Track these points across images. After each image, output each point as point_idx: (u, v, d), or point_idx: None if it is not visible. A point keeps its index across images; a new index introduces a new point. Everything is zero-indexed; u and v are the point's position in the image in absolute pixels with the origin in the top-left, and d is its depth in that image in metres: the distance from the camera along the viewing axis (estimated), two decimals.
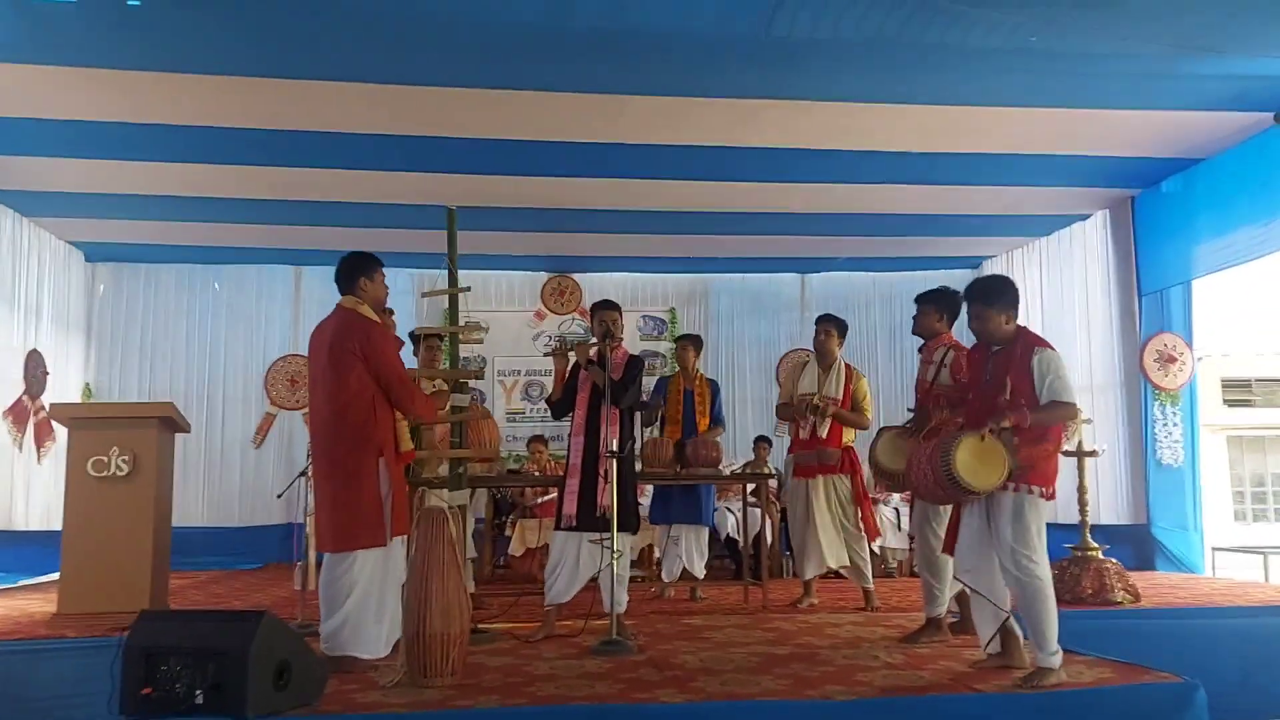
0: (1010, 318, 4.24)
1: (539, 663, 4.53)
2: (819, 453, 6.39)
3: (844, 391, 6.40)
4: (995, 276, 4.54)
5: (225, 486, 10.21)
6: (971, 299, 4.31)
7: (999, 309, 4.22)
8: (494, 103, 6.40)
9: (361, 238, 8.53)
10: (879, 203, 8.62)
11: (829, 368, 6.47)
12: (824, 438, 6.38)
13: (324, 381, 4.51)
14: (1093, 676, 4.09)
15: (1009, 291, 4.30)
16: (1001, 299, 4.25)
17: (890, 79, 6.15)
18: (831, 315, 6.72)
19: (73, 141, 6.91)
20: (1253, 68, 5.78)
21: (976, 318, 4.27)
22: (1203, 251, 7.86)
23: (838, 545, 6.37)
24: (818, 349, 6.54)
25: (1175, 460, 8.18)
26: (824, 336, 6.49)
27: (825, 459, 6.38)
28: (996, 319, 4.22)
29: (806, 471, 6.45)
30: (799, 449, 6.52)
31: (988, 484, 3.98)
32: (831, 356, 6.48)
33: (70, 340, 9.67)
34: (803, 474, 6.47)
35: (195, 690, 3.30)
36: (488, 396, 10.66)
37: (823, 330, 6.52)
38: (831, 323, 6.57)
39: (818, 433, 6.39)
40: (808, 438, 6.43)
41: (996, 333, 4.24)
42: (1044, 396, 4.05)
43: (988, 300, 4.25)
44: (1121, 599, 6.18)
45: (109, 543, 5.62)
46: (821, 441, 6.38)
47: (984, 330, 4.27)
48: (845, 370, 6.48)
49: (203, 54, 5.72)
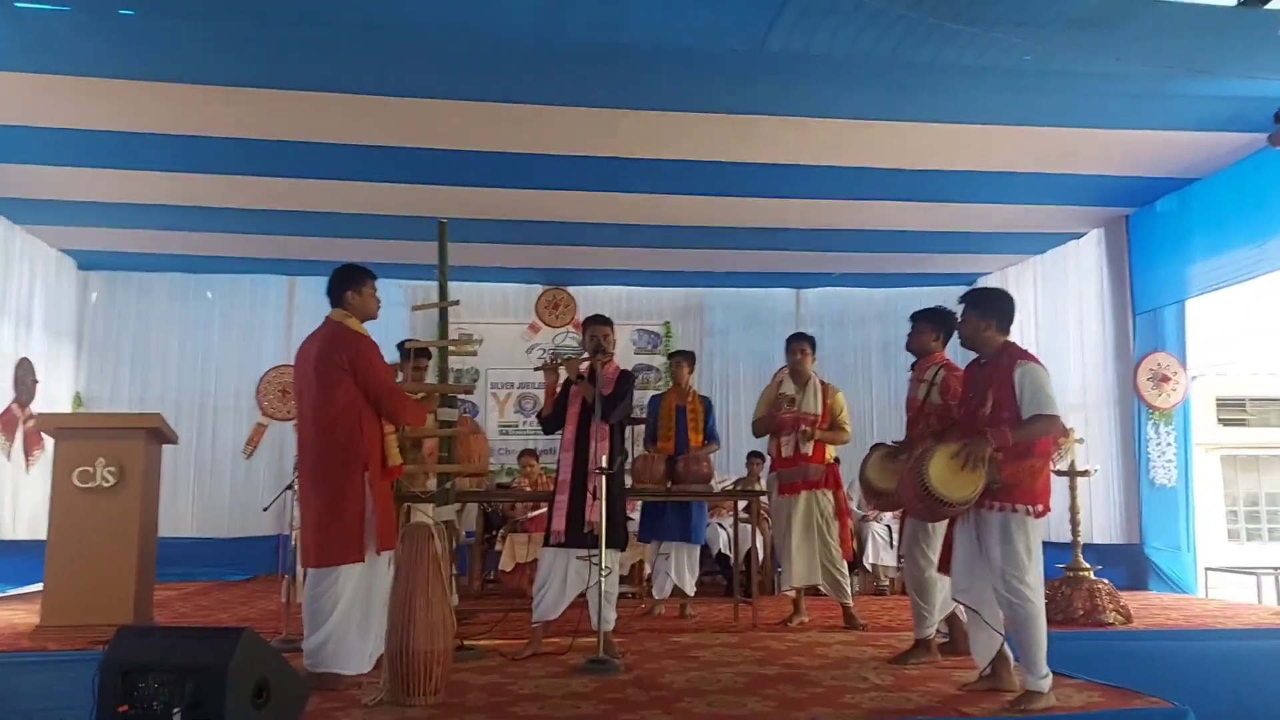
0: (992, 327, 4.24)
1: (524, 681, 4.49)
2: (803, 469, 6.40)
3: (821, 407, 6.43)
4: (994, 288, 4.58)
5: (215, 497, 10.14)
6: (962, 301, 4.40)
7: (983, 314, 4.25)
8: (488, 115, 6.39)
9: (355, 248, 8.53)
10: (874, 219, 8.61)
11: (804, 384, 6.48)
12: (808, 455, 6.39)
13: (310, 395, 4.49)
14: (1082, 700, 4.05)
15: (1000, 303, 4.31)
16: (988, 307, 4.27)
17: (885, 96, 6.14)
18: (803, 334, 6.82)
19: (66, 149, 6.87)
20: (1247, 89, 5.77)
21: (962, 319, 4.36)
22: (1197, 271, 7.86)
23: (812, 563, 6.38)
24: (794, 368, 6.58)
25: (1169, 480, 8.16)
26: (800, 356, 6.56)
27: (810, 475, 6.40)
28: (977, 324, 4.24)
29: (791, 489, 6.45)
30: (782, 466, 6.52)
31: (963, 495, 3.94)
32: (806, 374, 6.52)
33: (61, 348, 9.61)
34: (787, 491, 6.47)
35: (173, 708, 3.26)
36: (480, 409, 10.61)
37: (798, 350, 6.58)
38: (806, 341, 6.66)
39: (801, 449, 6.39)
40: (791, 455, 6.43)
41: (976, 338, 4.26)
42: (1025, 410, 4.02)
43: (975, 304, 4.32)
44: (1113, 620, 6.15)
45: (93, 554, 5.56)
46: (805, 458, 6.39)
47: (965, 334, 4.32)
48: (821, 386, 6.50)
49: (196, 64, 5.70)
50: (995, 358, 4.20)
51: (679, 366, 7.20)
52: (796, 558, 6.36)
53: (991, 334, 4.24)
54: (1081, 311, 9.21)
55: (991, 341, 4.23)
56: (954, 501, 3.95)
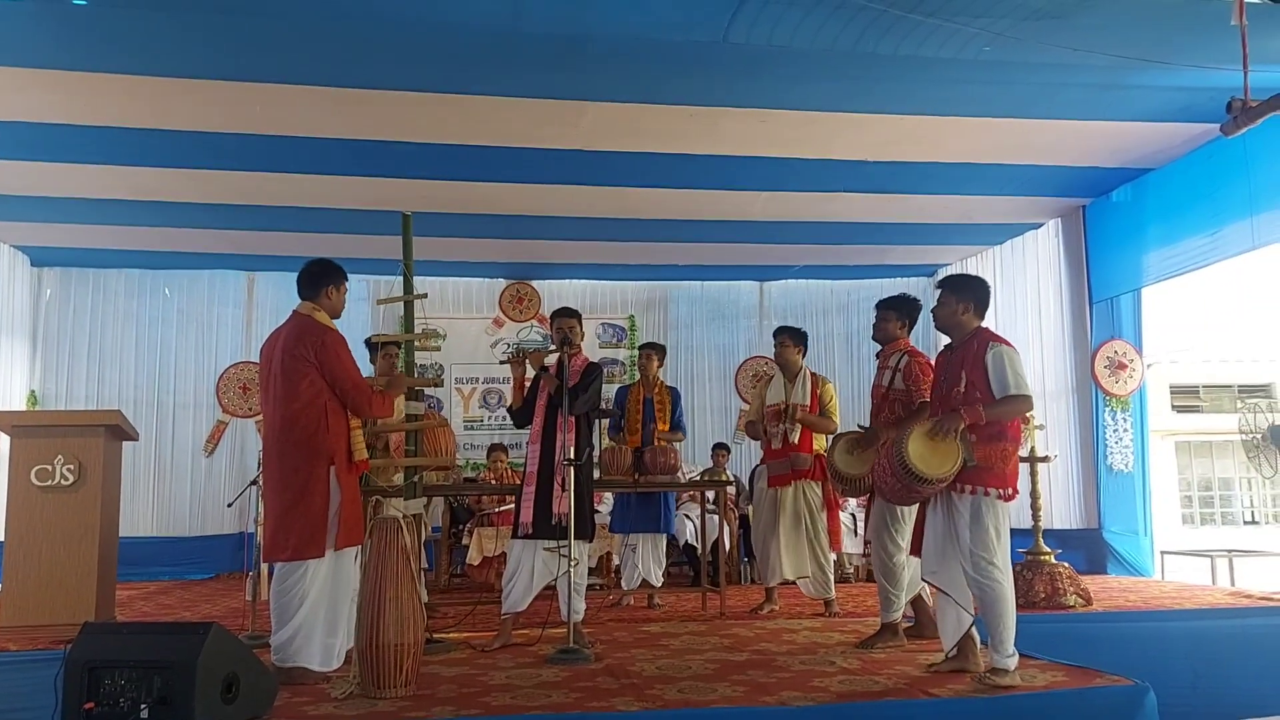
0: (970, 309, 4.33)
1: (495, 672, 4.49)
2: (792, 459, 6.44)
3: (811, 398, 6.47)
4: (970, 275, 4.67)
5: (176, 495, 9.99)
6: (940, 285, 4.46)
7: (959, 298, 4.33)
8: (450, 107, 6.35)
9: (316, 243, 8.43)
10: (836, 211, 8.67)
11: (794, 377, 6.53)
12: (795, 444, 6.43)
13: (276, 388, 4.45)
14: (1045, 680, 4.13)
15: (975, 288, 4.37)
16: (964, 290, 4.34)
17: (846, 88, 6.19)
18: (787, 326, 6.88)
19: (18, 143, 6.73)
20: (1201, 79, 5.87)
21: (937, 303, 4.41)
22: (1152, 260, 7.99)
23: (799, 556, 6.41)
24: (779, 362, 6.64)
25: (1126, 465, 8.30)
26: (780, 348, 6.59)
27: (798, 464, 6.44)
28: (955, 306, 4.32)
29: (780, 480, 6.48)
30: (772, 458, 6.55)
31: (941, 472, 4.00)
32: (795, 366, 6.57)
33: (15, 346, 9.42)
34: (776, 483, 6.50)
35: (140, 704, 3.23)
36: (445, 404, 10.56)
37: (778, 342, 6.63)
38: (787, 334, 6.68)
39: (789, 439, 6.43)
40: (780, 446, 6.46)
41: (950, 320, 4.32)
42: (997, 391, 4.10)
43: (951, 287, 4.38)
44: (1073, 602, 6.25)
45: (53, 553, 5.47)
46: (794, 448, 6.44)
47: (941, 317, 4.37)
48: (811, 379, 6.54)
49: (153, 56, 5.61)
50: (967, 342, 4.26)
51: (648, 359, 7.21)
52: (785, 552, 6.38)
53: (968, 317, 4.31)
54: (1040, 300, 9.33)
55: (967, 325, 4.30)
56: (933, 478, 4.00)
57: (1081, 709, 3.85)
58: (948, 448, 4.01)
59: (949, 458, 4.00)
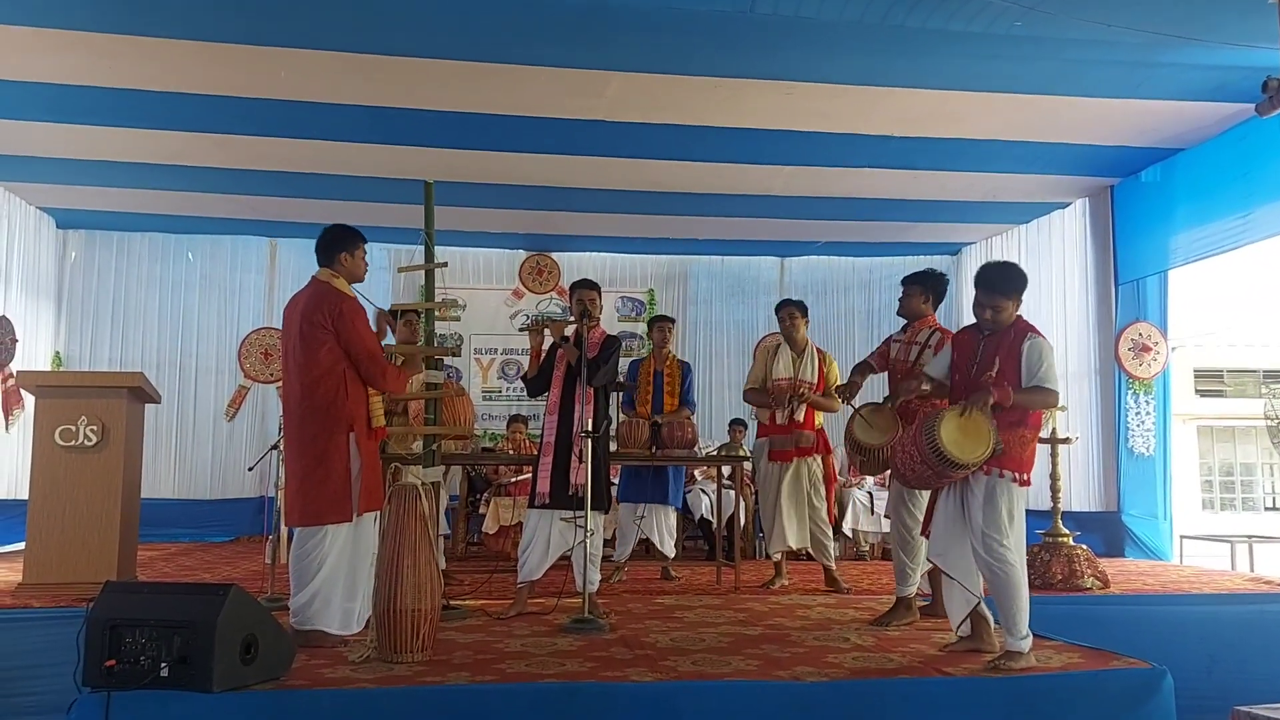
0: (1019, 302, 4.25)
1: (510, 640, 4.52)
2: (796, 435, 6.44)
3: (818, 375, 6.47)
4: (1010, 265, 4.38)
5: (197, 459, 10.10)
6: (992, 289, 4.19)
7: (1017, 300, 4.23)
8: (474, 76, 6.32)
9: (338, 210, 8.45)
10: (859, 187, 8.60)
11: (801, 352, 6.52)
12: (800, 421, 6.43)
13: (295, 355, 4.47)
14: (1061, 661, 4.12)
15: (1024, 281, 4.28)
16: (1019, 289, 4.24)
17: (873, 62, 6.11)
18: (792, 299, 6.85)
19: (46, 105, 6.76)
20: (1235, 58, 5.77)
21: (994, 309, 4.18)
22: (1180, 241, 7.89)
23: (801, 527, 6.45)
24: (786, 335, 6.62)
25: (1147, 449, 8.24)
26: (789, 322, 6.57)
27: (802, 441, 6.46)
28: (1012, 310, 4.22)
29: (783, 456, 6.49)
30: (775, 433, 6.54)
31: (973, 456, 3.97)
32: (802, 341, 6.53)
33: (40, 308, 9.50)
34: (778, 458, 6.50)
35: (160, 663, 3.27)
36: (464, 374, 10.59)
37: (787, 315, 6.61)
38: (795, 306, 6.67)
39: (794, 416, 6.42)
40: (785, 422, 6.46)
41: (1007, 322, 4.23)
42: (1027, 382, 4.07)
43: (1007, 292, 4.20)
44: (1091, 585, 6.23)
45: (76, 513, 5.53)
46: (798, 425, 6.44)
47: (998, 320, 4.20)
48: (818, 354, 6.53)
49: (179, 19, 5.60)
50: (1005, 331, 4.20)
51: (659, 331, 7.22)
52: (787, 522, 6.42)
53: (1014, 310, 4.24)
54: (1065, 281, 9.24)
55: (1011, 318, 4.23)
56: (966, 463, 3.96)
57: (1098, 690, 3.83)
58: (980, 432, 3.97)
59: (981, 442, 3.97)
